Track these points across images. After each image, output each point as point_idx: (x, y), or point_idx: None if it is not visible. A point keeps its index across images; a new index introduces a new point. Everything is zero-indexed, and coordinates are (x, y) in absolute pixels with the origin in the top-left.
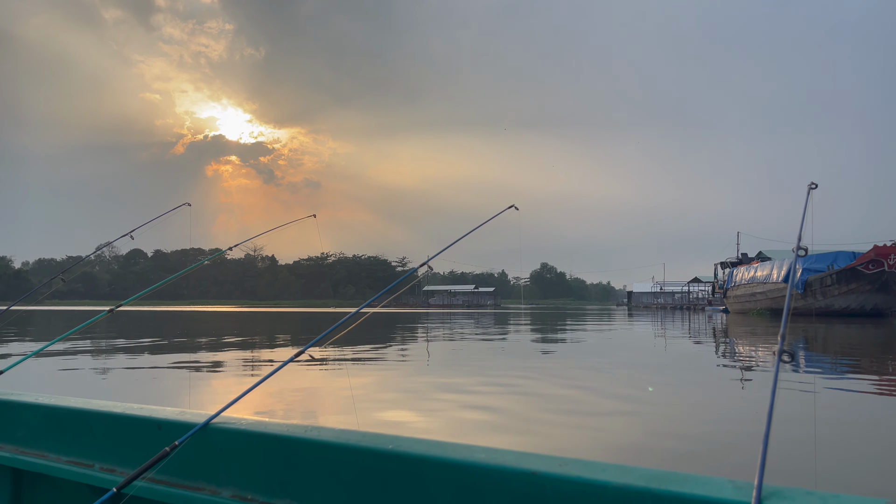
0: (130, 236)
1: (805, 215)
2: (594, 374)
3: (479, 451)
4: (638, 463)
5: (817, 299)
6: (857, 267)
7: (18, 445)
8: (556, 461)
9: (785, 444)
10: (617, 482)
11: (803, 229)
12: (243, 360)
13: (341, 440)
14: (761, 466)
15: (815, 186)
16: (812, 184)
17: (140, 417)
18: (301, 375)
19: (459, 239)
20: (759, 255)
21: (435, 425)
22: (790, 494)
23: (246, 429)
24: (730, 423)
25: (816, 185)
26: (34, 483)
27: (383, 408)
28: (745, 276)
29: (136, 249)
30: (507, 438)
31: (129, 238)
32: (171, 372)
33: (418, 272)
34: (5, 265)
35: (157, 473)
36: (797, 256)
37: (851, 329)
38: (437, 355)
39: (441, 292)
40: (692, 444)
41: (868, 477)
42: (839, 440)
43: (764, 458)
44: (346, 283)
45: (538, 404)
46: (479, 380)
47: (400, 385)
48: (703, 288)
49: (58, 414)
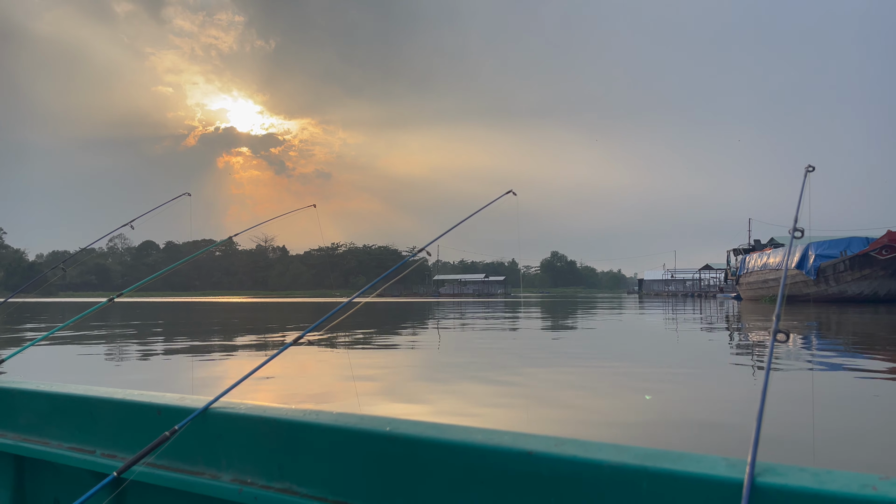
0: (131, 226)
1: (801, 198)
2: (592, 366)
3: (476, 433)
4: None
5: (830, 285)
6: (870, 252)
7: (20, 432)
8: (552, 441)
9: (785, 424)
10: (612, 461)
11: (800, 211)
12: (244, 347)
13: (339, 423)
14: (755, 443)
15: (812, 169)
16: (809, 166)
17: (140, 403)
18: (305, 361)
19: (456, 225)
20: (772, 242)
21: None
22: (783, 471)
23: (245, 413)
24: (729, 403)
25: (814, 167)
26: (36, 469)
27: (384, 393)
28: (758, 262)
29: (149, 241)
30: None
31: (130, 228)
32: (173, 359)
33: (416, 258)
34: (20, 258)
35: (157, 458)
36: (793, 238)
37: (864, 315)
38: (432, 343)
39: (451, 281)
40: (691, 427)
41: (865, 453)
42: (841, 419)
43: (757, 435)
44: (357, 273)
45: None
46: (473, 373)
47: (403, 372)
48: (714, 275)
49: (59, 401)
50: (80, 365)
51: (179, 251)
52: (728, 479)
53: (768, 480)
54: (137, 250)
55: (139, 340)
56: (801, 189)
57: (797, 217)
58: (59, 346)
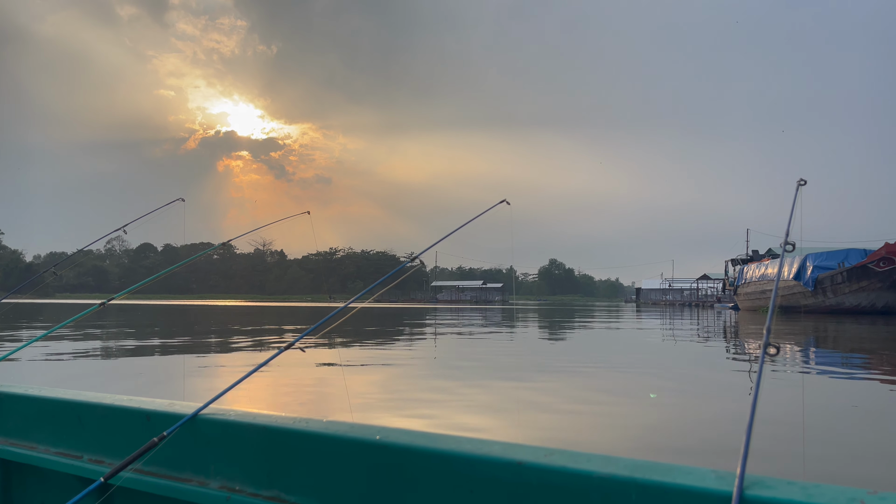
0: (124, 231)
1: (794, 211)
2: (593, 372)
3: (466, 442)
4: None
5: (828, 297)
6: (868, 264)
7: (7, 437)
8: (541, 451)
9: (775, 437)
10: (601, 472)
11: (791, 225)
12: (237, 352)
13: (329, 431)
14: (744, 456)
15: (804, 182)
16: (801, 180)
17: (129, 409)
18: (297, 368)
19: (448, 234)
20: (770, 252)
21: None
22: (772, 484)
23: (234, 420)
24: (722, 415)
25: (805, 181)
26: (23, 474)
27: (376, 399)
28: (756, 273)
29: (147, 244)
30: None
31: (123, 232)
32: (164, 363)
33: (409, 266)
34: (17, 259)
35: (144, 464)
36: (784, 252)
37: (861, 326)
38: (427, 351)
39: (449, 288)
40: (685, 439)
41: (854, 467)
42: (832, 432)
43: (747, 448)
44: (355, 278)
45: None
46: (466, 382)
47: (392, 382)
48: (712, 285)
49: (47, 405)
50: (68, 369)
51: (177, 254)
52: (717, 492)
53: (757, 493)
54: (135, 253)
55: (131, 344)
56: (793, 202)
57: (788, 230)
58: (49, 348)
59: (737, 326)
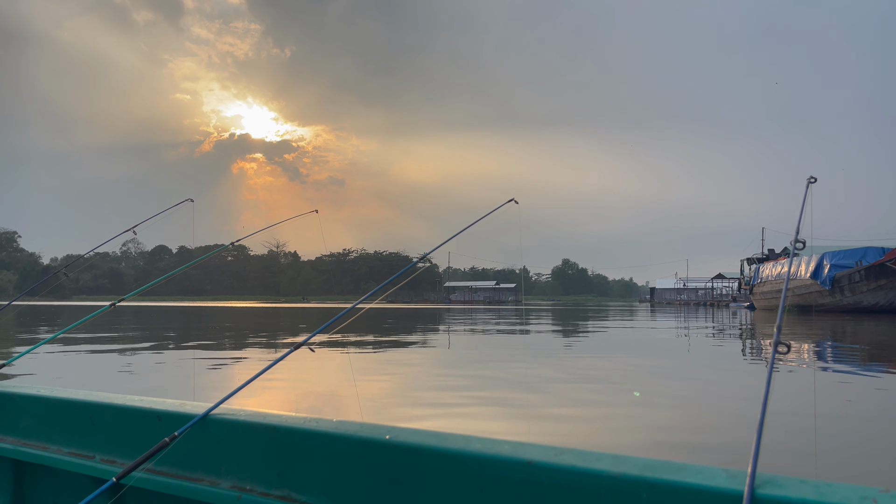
0: (133, 231)
1: (803, 210)
2: (609, 370)
3: (476, 442)
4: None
5: (845, 296)
6: (886, 263)
7: (20, 437)
8: (551, 451)
9: (787, 435)
10: (612, 471)
11: (801, 223)
12: (248, 352)
13: (339, 431)
14: (755, 455)
15: (814, 180)
16: (811, 178)
17: (140, 409)
18: (307, 367)
19: (456, 234)
20: (785, 251)
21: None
22: (783, 483)
23: (245, 420)
24: (729, 414)
25: (815, 178)
26: (35, 474)
27: (386, 400)
28: (773, 272)
29: (162, 245)
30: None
31: (133, 233)
32: (176, 364)
33: (417, 266)
34: (34, 261)
35: (156, 464)
36: (794, 250)
37: (880, 325)
38: (438, 350)
39: (462, 288)
40: (696, 435)
41: (867, 465)
42: (844, 430)
43: (758, 447)
44: (368, 279)
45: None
46: (479, 380)
47: (405, 383)
48: (727, 284)
49: (59, 406)
50: (80, 369)
51: (192, 255)
52: (728, 491)
53: (768, 492)
54: (150, 255)
55: (143, 345)
56: (804, 201)
57: (799, 228)
58: (61, 350)
59: (752, 325)
